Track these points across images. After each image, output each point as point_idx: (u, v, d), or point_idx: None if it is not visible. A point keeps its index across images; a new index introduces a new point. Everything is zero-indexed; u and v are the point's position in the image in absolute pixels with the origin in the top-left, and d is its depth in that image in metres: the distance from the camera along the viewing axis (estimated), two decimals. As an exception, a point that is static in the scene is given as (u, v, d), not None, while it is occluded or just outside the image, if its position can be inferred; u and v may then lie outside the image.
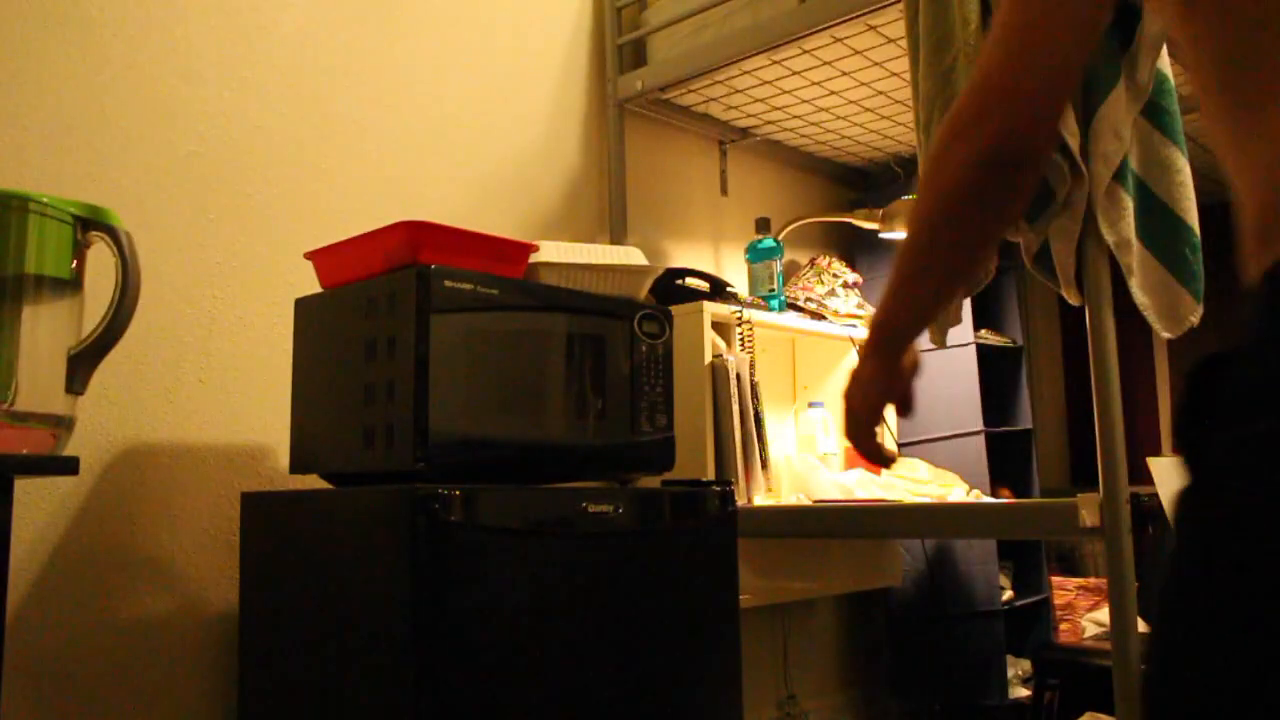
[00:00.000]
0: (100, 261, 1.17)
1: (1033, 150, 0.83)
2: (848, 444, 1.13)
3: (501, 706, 1.22)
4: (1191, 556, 0.56)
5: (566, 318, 1.42)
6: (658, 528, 1.43)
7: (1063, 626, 2.70)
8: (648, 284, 1.68)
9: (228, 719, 1.58)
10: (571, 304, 1.44)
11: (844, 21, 1.97)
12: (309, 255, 1.51)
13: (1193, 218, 1.64)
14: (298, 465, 1.47)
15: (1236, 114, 0.71)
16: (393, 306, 1.31)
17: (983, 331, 2.69)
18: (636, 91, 2.29)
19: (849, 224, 2.59)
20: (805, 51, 2.12)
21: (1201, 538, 0.56)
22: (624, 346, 1.49)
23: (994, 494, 2.54)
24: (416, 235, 1.33)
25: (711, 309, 2.04)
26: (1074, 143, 1.56)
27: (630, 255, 1.65)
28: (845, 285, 2.51)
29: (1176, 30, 0.78)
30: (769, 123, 2.55)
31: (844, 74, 2.25)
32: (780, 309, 2.31)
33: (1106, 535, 1.56)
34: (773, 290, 2.32)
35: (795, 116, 2.51)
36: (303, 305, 1.50)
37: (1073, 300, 1.72)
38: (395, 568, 1.21)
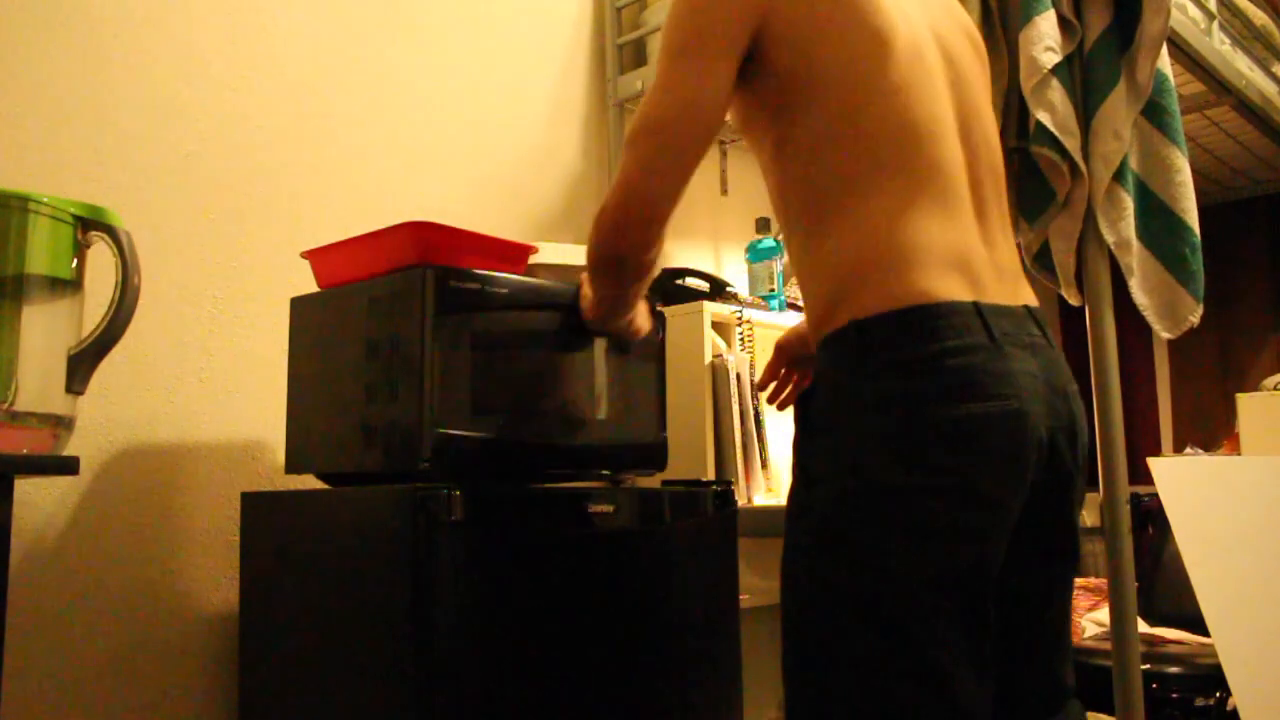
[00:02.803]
0: (100, 261, 1.17)
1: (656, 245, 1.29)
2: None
3: (501, 706, 1.22)
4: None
5: (569, 317, 1.42)
6: (657, 528, 1.43)
7: (1063, 626, 2.69)
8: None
9: (228, 719, 1.59)
10: (574, 303, 1.43)
11: (844, 21, 1.96)
12: (307, 254, 1.50)
13: (1193, 218, 1.64)
14: (293, 465, 1.47)
15: (806, 243, 1.19)
16: (397, 306, 1.31)
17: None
18: (636, 91, 2.29)
19: (849, 224, 2.59)
20: (805, 51, 2.12)
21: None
22: (619, 347, 1.49)
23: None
24: (422, 236, 1.33)
25: (711, 309, 2.04)
26: (1074, 143, 1.56)
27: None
28: (845, 285, 2.50)
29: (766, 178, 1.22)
30: (769, 123, 2.55)
31: (844, 74, 2.25)
32: (780, 309, 2.31)
33: (1107, 535, 1.56)
34: (773, 290, 2.32)
35: (795, 116, 2.50)
36: (299, 305, 1.50)
37: (1073, 300, 1.72)
38: (395, 568, 1.21)
